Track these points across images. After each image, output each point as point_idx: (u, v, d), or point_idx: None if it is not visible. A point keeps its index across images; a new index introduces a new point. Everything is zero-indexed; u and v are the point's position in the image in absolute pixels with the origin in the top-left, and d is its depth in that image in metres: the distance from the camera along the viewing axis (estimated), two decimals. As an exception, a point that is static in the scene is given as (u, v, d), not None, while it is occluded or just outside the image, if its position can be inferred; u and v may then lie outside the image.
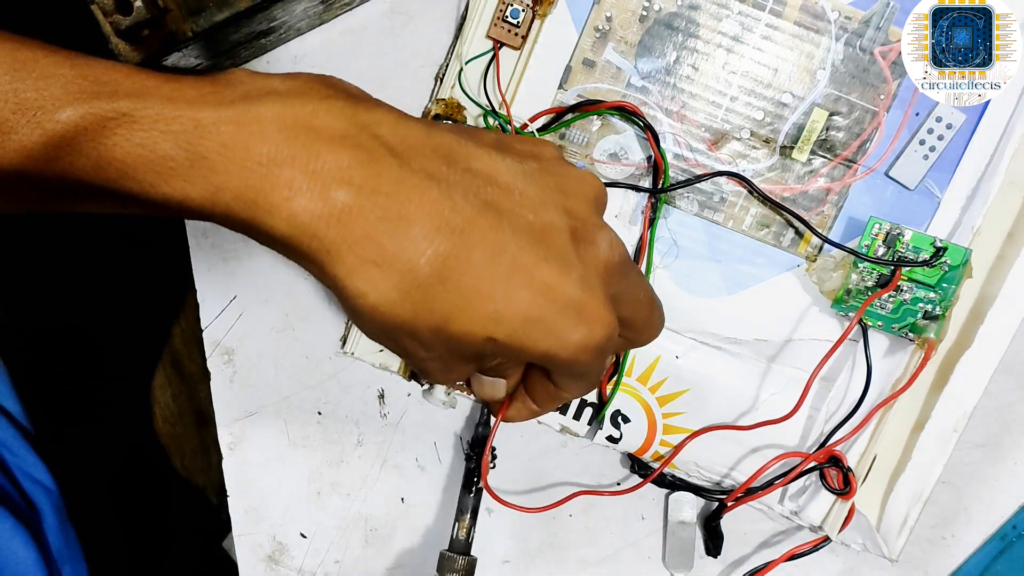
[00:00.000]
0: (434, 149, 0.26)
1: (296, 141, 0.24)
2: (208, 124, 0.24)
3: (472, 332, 0.25)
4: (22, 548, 0.41)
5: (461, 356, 0.27)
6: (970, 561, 0.42)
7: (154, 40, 0.34)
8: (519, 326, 0.25)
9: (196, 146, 0.24)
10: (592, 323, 0.26)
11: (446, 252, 0.24)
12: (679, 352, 0.41)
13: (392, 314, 0.25)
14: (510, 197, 0.26)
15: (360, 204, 0.24)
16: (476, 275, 0.25)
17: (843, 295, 0.39)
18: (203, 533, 0.74)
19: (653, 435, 0.41)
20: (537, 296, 0.25)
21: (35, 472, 0.45)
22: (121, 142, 0.24)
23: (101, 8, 0.33)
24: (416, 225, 0.24)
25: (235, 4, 0.35)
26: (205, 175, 0.24)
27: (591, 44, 0.40)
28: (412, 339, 0.26)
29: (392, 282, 0.24)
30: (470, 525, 0.40)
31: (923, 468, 0.39)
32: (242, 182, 0.24)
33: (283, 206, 0.24)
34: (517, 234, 0.25)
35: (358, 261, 0.24)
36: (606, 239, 0.28)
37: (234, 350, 0.44)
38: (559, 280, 0.25)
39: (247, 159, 0.24)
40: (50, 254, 0.72)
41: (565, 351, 0.26)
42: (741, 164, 0.40)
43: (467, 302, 0.25)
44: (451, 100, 0.40)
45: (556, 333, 0.26)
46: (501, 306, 0.25)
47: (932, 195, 0.40)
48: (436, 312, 0.25)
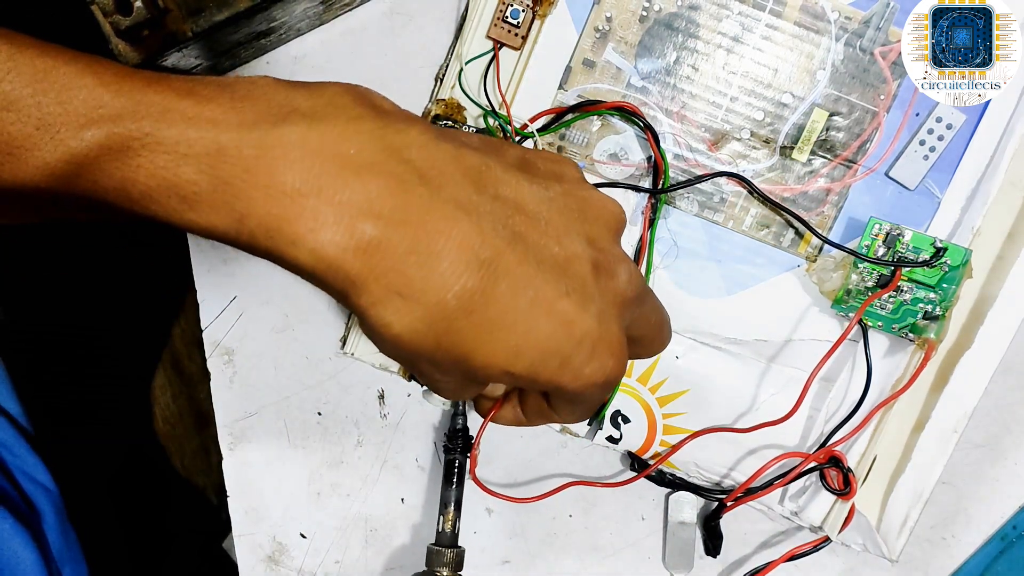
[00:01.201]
0: (464, 174, 0.25)
1: (322, 168, 0.23)
2: (230, 148, 0.23)
3: (492, 365, 0.25)
4: (22, 548, 0.41)
5: (475, 381, 0.28)
6: (970, 561, 0.42)
7: (154, 40, 0.34)
8: (536, 359, 0.25)
9: (218, 171, 0.23)
10: (605, 358, 0.26)
11: (474, 287, 0.24)
12: (679, 352, 0.41)
13: (415, 343, 0.25)
14: (536, 227, 0.26)
15: (388, 237, 0.23)
16: (500, 308, 0.25)
17: (843, 295, 0.39)
18: (203, 533, 0.74)
19: (653, 435, 0.41)
20: (557, 329, 0.25)
21: (35, 473, 0.45)
22: (145, 164, 0.23)
23: (101, 8, 0.33)
24: (445, 260, 0.24)
25: (235, 4, 0.35)
26: (228, 201, 0.23)
27: (591, 44, 0.40)
28: (431, 365, 0.26)
29: (417, 315, 0.24)
30: (454, 517, 0.41)
31: (923, 468, 0.39)
32: (266, 211, 0.23)
33: (308, 238, 0.23)
34: (542, 267, 0.25)
35: (384, 292, 0.24)
36: (626, 272, 0.28)
37: (234, 351, 0.44)
38: (578, 314, 0.26)
39: (271, 187, 0.23)
40: (50, 254, 0.72)
41: (575, 384, 0.26)
42: (741, 164, 0.40)
43: (489, 336, 0.25)
44: (451, 100, 0.40)
45: (570, 366, 0.26)
46: (522, 340, 0.25)
47: (932, 195, 0.40)
48: (458, 345, 0.25)
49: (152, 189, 0.23)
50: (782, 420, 0.39)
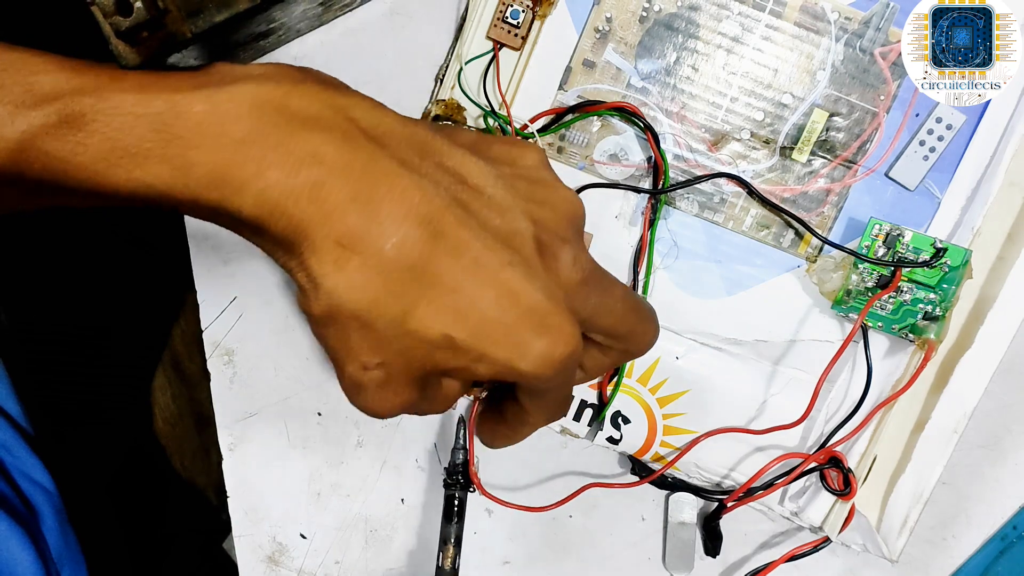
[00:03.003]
0: (408, 138, 0.26)
1: (269, 120, 0.24)
2: (182, 104, 0.24)
3: (431, 327, 0.24)
4: (19, 550, 0.41)
5: (407, 369, 0.26)
6: (970, 562, 0.42)
7: (154, 41, 0.34)
8: (480, 325, 0.25)
9: (171, 127, 0.24)
10: (554, 335, 0.25)
11: (413, 241, 0.24)
12: (679, 353, 0.41)
13: (351, 299, 0.24)
14: (479, 199, 0.26)
15: (330, 182, 0.24)
16: (441, 267, 0.24)
17: (843, 296, 0.39)
18: (203, 533, 0.74)
19: (653, 436, 0.41)
20: (502, 297, 0.25)
21: (34, 474, 0.45)
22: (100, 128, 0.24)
23: (101, 9, 0.33)
24: (385, 209, 0.24)
25: (235, 5, 0.34)
26: (178, 153, 0.24)
27: (591, 45, 0.40)
28: (364, 334, 0.25)
29: (355, 264, 0.24)
30: (455, 554, 0.40)
31: (923, 469, 0.39)
32: (213, 159, 0.24)
33: (252, 182, 0.24)
34: (484, 234, 0.25)
35: (325, 240, 0.24)
36: (570, 254, 0.27)
37: (234, 351, 0.44)
38: (523, 286, 0.25)
39: (220, 136, 0.24)
40: (50, 254, 0.72)
41: (525, 362, 0.25)
42: (741, 165, 0.40)
43: (429, 293, 0.24)
44: (451, 101, 0.40)
45: (516, 340, 0.25)
46: (464, 301, 0.24)
47: (932, 196, 0.40)
48: (396, 302, 0.24)
49: (104, 151, 0.24)
50: (794, 424, 0.39)
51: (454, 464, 0.41)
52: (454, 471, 0.41)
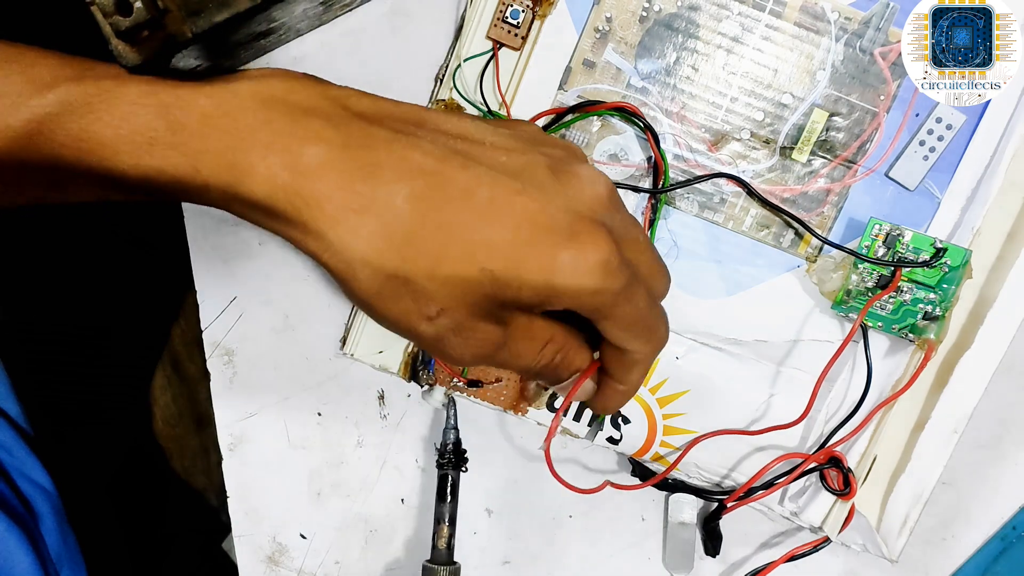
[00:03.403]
0: (403, 116, 0.27)
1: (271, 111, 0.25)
2: (186, 96, 0.25)
3: (465, 268, 0.25)
4: (17, 551, 0.41)
5: (470, 308, 0.25)
6: (970, 562, 0.42)
7: (154, 41, 0.34)
8: (509, 253, 0.25)
9: (176, 116, 0.25)
10: (581, 242, 0.25)
11: (421, 192, 0.24)
12: (679, 353, 0.41)
13: (381, 264, 0.24)
14: (480, 147, 0.27)
15: (333, 158, 0.25)
16: (455, 210, 0.25)
17: (843, 296, 0.39)
18: (203, 533, 0.74)
19: (653, 436, 0.41)
20: (521, 223, 0.25)
21: (33, 474, 0.45)
22: (104, 116, 0.25)
23: (101, 9, 0.33)
24: (387, 170, 0.25)
25: (235, 5, 0.34)
26: (185, 141, 0.25)
27: (591, 45, 0.40)
28: (410, 295, 0.25)
29: (373, 228, 0.24)
30: (449, 533, 0.40)
31: (923, 469, 0.39)
32: (221, 145, 0.24)
33: (261, 165, 0.24)
34: (490, 171, 0.25)
35: (338, 211, 0.24)
36: (588, 172, 0.27)
37: (234, 351, 0.44)
38: (542, 206, 0.25)
39: (227, 126, 0.25)
40: (50, 254, 0.72)
41: (562, 276, 0.25)
42: (741, 165, 0.40)
43: (452, 237, 0.25)
44: (451, 101, 0.40)
45: (546, 259, 0.25)
46: (486, 235, 0.25)
47: (932, 196, 0.40)
48: (424, 254, 0.24)
49: (109, 138, 0.25)
50: (793, 424, 0.39)
51: (445, 444, 0.41)
52: (445, 451, 0.41)
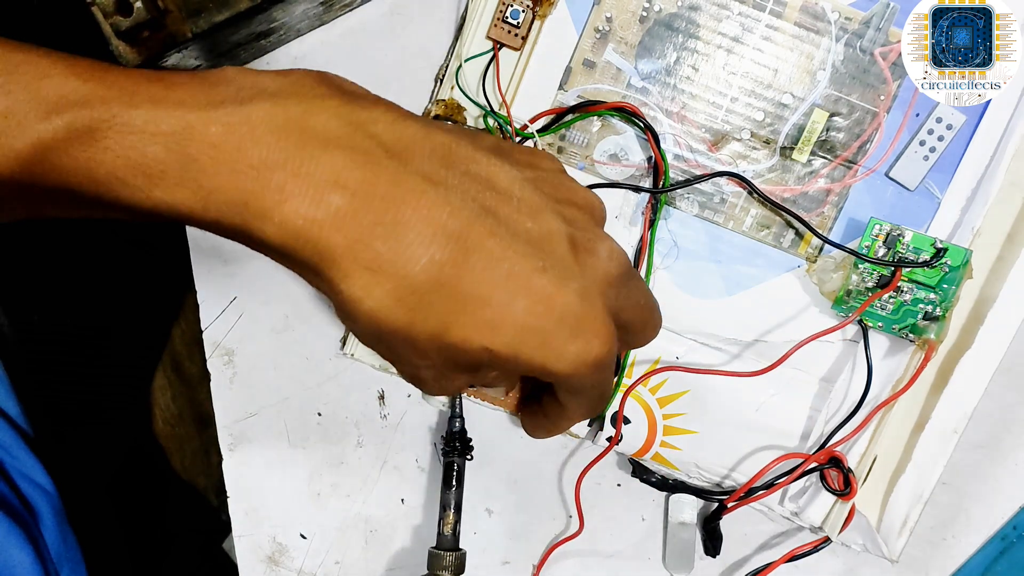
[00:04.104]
0: (432, 150, 0.25)
1: (288, 143, 0.23)
2: (197, 126, 0.23)
3: (469, 340, 0.25)
4: (18, 551, 0.41)
5: (456, 366, 0.26)
6: (970, 562, 0.42)
7: (154, 41, 0.34)
8: (516, 335, 0.25)
9: (186, 148, 0.23)
10: (590, 337, 0.25)
11: (442, 259, 0.24)
12: (679, 353, 0.41)
13: (388, 320, 0.24)
14: (508, 203, 0.26)
15: (355, 208, 0.23)
16: (473, 282, 0.24)
17: (843, 296, 0.39)
18: (203, 533, 0.74)
19: (653, 436, 0.41)
20: (535, 305, 0.25)
21: (34, 475, 0.45)
22: (112, 145, 0.23)
23: (101, 9, 0.33)
24: (412, 231, 0.24)
25: (235, 5, 0.35)
26: (195, 178, 0.23)
27: (591, 45, 0.40)
28: (408, 347, 0.25)
29: (387, 288, 0.24)
30: (455, 520, 0.41)
31: (923, 469, 0.39)
32: (233, 185, 0.23)
33: (275, 211, 0.23)
34: (515, 241, 0.25)
35: (353, 266, 0.23)
36: (606, 248, 0.27)
37: (234, 351, 0.44)
38: (558, 290, 0.25)
39: (238, 161, 0.23)
40: (50, 255, 0.72)
41: (561, 364, 0.25)
42: (741, 165, 0.40)
43: (463, 309, 0.24)
44: (451, 101, 0.40)
45: (553, 345, 0.25)
46: (498, 314, 0.24)
47: (932, 196, 0.40)
48: (432, 319, 0.24)
49: (118, 169, 0.23)
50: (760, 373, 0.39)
51: (450, 432, 0.42)
52: (451, 439, 0.41)
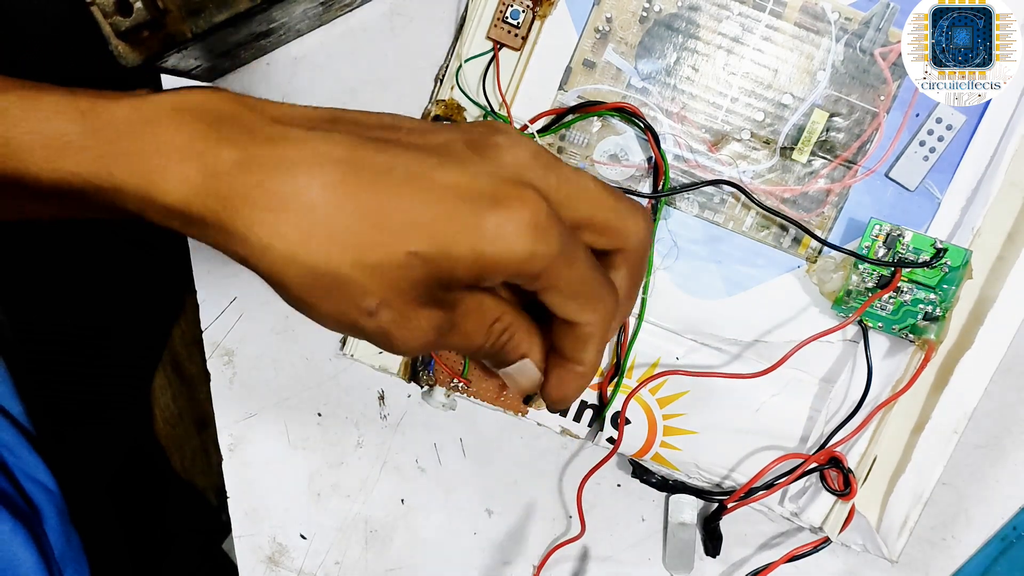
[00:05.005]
0: (319, 115, 0.27)
1: (187, 116, 0.25)
2: (104, 104, 0.25)
3: (392, 251, 0.24)
4: (22, 550, 0.41)
5: (400, 292, 0.25)
6: (970, 562, 0.42)
7: (154, 41, 0.34)
8: (435, 230, 0.24)
9: (92, 121, 0.25)
10: (512, 206, 0.24)
11: (335, 179, 0.24)
12: (679, 354, 0.41)
13: (306, 261, 0.24)
14: (396, 132, 0.26)
15: (247, 158, 0.24)
16: (373, 193, 0.24)
17: (843, 296, 0.39)
18: (203, 533, 0.74)
19: (653, 437, 0.41)
20: (444, 195, 0.24)
21: (37, 474, 0.45)
22: (20, 122, 0.25)
23: (101, 9, 0.33)
24: (300, 164, 0.24)
25: (235, 5, 0.35)
26: (99, 145, 0.25)
27: (591, 45, 0.40)
28: (343, 290, 0.24)
29: (292, 224, 0.24)
30: None
31: (923, 469, 0.39)
32: (135, 149, 0.24)
33: (175, 169, 0.24)
34: (407, 152, 0.25)
35: (255, 211, 0.24)
36: (507, 138, 0.26)
37: (234, 351, 0.44)
38: (463, 177, 0.24)
39: (141, 131, 0.25)
40: (50, 254, 0.72)
41: (492, 244, 0.24)
42: (741, 165, 0.40)
43: (372, 222, 0.24)
44: (451, 101, 0.40)
45: (476, 227, 0.24)
46: (408, 215, 0.24)
47: (932, 196, 0.40)
48: (347, 244, 0.24)
49: (26, 143, 0.25)
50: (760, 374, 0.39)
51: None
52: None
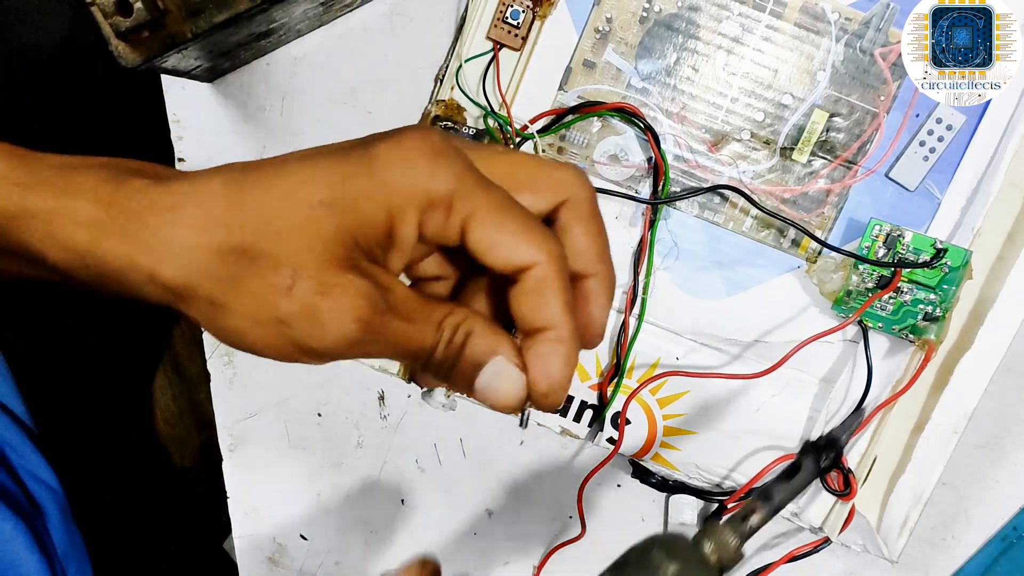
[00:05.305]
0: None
1: (93, 167, 0.23)
2: (36, 155, 0.23)
3: (298, 208, 0.22)
4: (24, 550, 0.41)
5: (325, 259, 0.22)
6: (971, 563, 0.42)
7: (154, 41, 0.34)
8: (331, 178, 0.22)
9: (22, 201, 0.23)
10: (403, 134, 0.22)
11: (238, 172, 0.23)
12: (679, 354, 0.41)
13: (209, 241, 0.22)
14: None
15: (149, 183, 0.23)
16: (275, 170, 0.22)
17: (844, 296, 0.39)
18: (203, 533, 0.74)
19: (653, 437, 0.41)
20: (338, 146, 0.23)
21: (39, 472, 0.45)
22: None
23: (101, 9, 0.33)
24: (200, 172, 0.23)
25: (235, 5, 0.34)
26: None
27: (591, 45, 0.40)
28: (254, 267, 0.22)
29: (192, 212, 0.22)
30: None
31: (923, 469, 0.39)
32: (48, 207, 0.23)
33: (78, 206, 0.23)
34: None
35: (156, 213, 0.22)
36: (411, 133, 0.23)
37: (234, 352, 0.44)
38: (355, 139, 0.23)
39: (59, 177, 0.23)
40: (50, 255, 0.72)
41: (394, 167, 0.22)
42: (741, 166, 0.40)
43: (275, 187, 0.22)
44: (451, 101, 0.40)
45: (371, 156, 0.22)
46: (309, 171, 0.22)
47: (932, 196, 0.40)
48: (250, 215, 0.22)
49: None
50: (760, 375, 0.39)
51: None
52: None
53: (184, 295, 0.22)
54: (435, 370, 0.24)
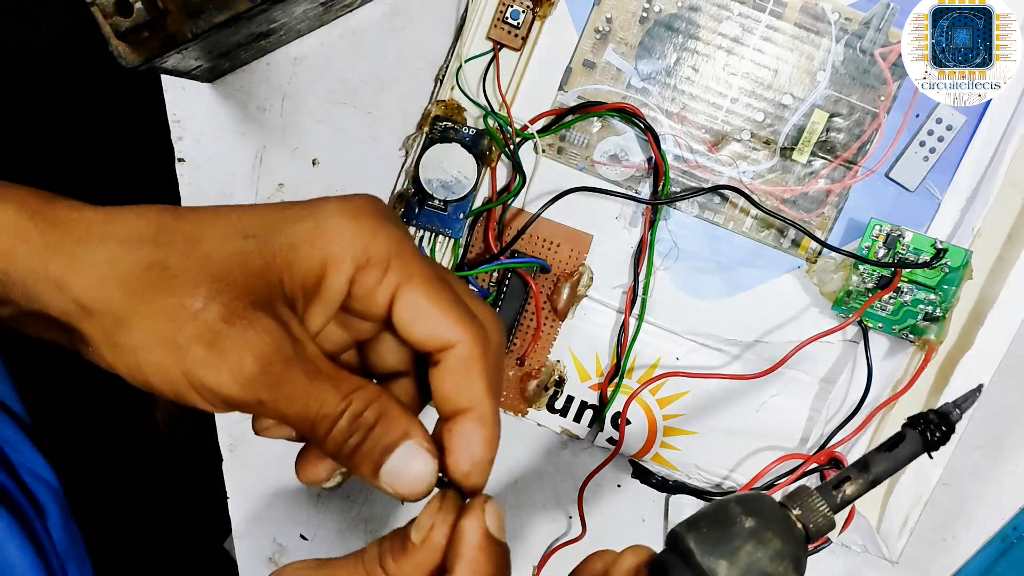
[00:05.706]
0: None
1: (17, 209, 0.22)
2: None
3: (229, 239, 0.22)
4: (18, 551, 0.40)
5: (236, 286, 0.22)
6: (971, 563, 0.42)
7: (154, 41, 0.34)
8: (266, 222, 0.22)
9: None
10: (346, 200, 0.23)
11: (147, 222, 0.22)
12: (680, 354, 0.41)
13: (133, 255, 0.22)
14: None
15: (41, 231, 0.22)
16: (189, 214, 0.23)
17: (844, 297, 0.39)
18: (203, 533, 0.74)
19: (654, 437, 0.41)
20: (262, 208, 0.23)
21: (40, 470, 0.45)
22: None
23: (101, 10, 0.33)
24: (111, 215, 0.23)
25: (235, 6, 0.34)
26: None
27: (591, 45, 0.40)
28: (167, 285, 0.21)
29: (123, 229, 0.22)
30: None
31: (923, 470, 0.39)
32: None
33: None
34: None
35: (86, 226, 0.22)
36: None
37: (234, 352, 0.44)
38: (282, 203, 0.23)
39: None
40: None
41: (329, 220, 0.22)
42: (741, 166, 0.40)
43: (208, 215, 0.23)
44: (451, 101, 0.40)
45: (309, 209, 0.23)
46: (232, 216, 0.23)
47: (932, 196, 0.40)
48: (179, 235, 0.22)
49: None
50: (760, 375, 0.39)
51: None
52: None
53: (89, 308, 0.22)
54: (333, 446, 0.23)
